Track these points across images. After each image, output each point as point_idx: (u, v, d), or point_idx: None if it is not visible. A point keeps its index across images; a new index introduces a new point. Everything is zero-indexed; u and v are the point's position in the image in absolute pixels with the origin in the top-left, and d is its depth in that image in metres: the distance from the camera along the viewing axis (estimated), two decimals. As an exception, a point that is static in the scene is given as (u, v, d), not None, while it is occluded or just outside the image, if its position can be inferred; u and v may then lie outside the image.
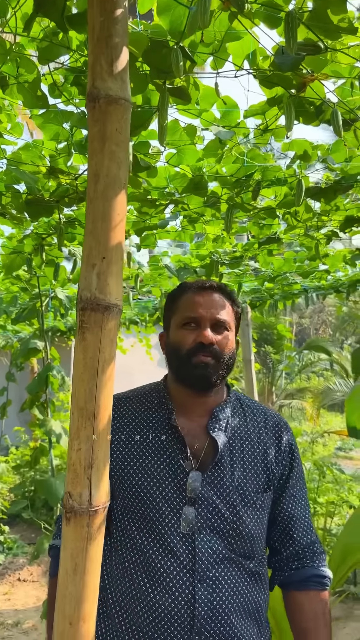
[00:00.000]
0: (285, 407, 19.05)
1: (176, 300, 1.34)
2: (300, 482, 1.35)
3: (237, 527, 1.20)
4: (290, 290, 3.29)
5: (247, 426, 1.32)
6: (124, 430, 1.30)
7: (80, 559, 0.87)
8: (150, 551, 1.18)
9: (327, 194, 1.73)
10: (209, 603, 1.15)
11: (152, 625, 1.15)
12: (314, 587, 1.30)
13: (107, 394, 0.90)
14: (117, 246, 0.91)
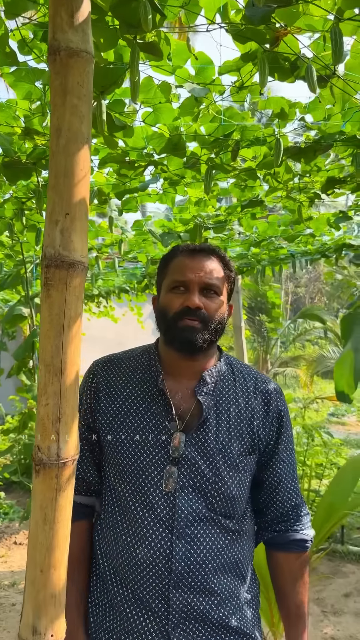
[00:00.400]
0: (279, 375, 19.24)
1: (168, 264, 1.33)
2: (288, 447, 1.36)
3: (218, 487, 1.24)
4: (277, 256, 3.29)
5: (235, 390, 1.33)
6: (113, 390, 1.32)
7: (49, 509, 0.90)
8: (133, 507, 1.23)
9: (307, 154, 1.72)
10: (185, 559, 1.19)
11: (134, 577, 1.21)
12: (295, 549, 1.34)
13: (74, 350, 0.91)
14: (81, 202, 0.90)
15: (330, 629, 3.45)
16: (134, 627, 1.20)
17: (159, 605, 1.19)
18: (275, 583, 1.37)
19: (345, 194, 2.05)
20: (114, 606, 1.24)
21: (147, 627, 1.19)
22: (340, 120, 1.58)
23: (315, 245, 3.14)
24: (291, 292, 38.94)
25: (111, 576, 1.26)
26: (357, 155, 1.67)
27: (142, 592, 1.20)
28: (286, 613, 1.34)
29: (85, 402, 1.33)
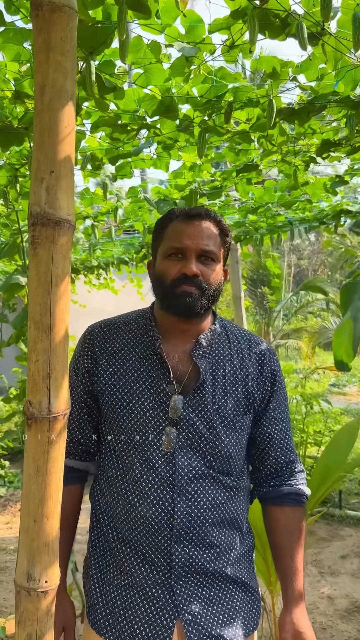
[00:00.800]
0: (281, 347, 19.29)
1: (164, 228, 1.32)
2: (281, 405, 1.40)
3: (216, 446, 1.28)
4: (275, 223, 3.27)
5: (230, 352, 1.36)
6: (110, 355, 1.33)
7: (42, 461, 0.92)
8: (134, 467, 1.26)
9: (301, 116, 1.70)
10: (186, 514, 1.24)
11: (136, 534, 1.25)
12: (290, 503, 1.37)
13: (62, 307, 0.92)
14: (66, 160, 0.90)
15: (327, 588, 3.55)
16: (137, 581, 1.25)
17: (162, 560, 1.24)
18: (272, 538, 1.39)
19: (340, 158, 2.04)
20: (118, 562, 1.29)
21: (151, 580, 1.24)
22: (333, 80, 1.56)
23: (313, 212, 3.12)
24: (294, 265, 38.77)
25: (113, 534, 1.30)
26: (351, 116, 1.65)
27: (145, 548, 1.25)
28: (282, 567, 1.36)
29: (83, 366, 1.35)
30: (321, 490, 2.74)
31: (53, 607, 0.95)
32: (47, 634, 0.94)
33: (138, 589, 1.25)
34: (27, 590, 0.93)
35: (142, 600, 1.24)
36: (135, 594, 1.25)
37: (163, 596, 1.24)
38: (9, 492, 5.70)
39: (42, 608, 0.93)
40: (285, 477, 1.39)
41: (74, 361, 1.37)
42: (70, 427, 1.33)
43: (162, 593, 1.24)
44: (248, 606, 1.33)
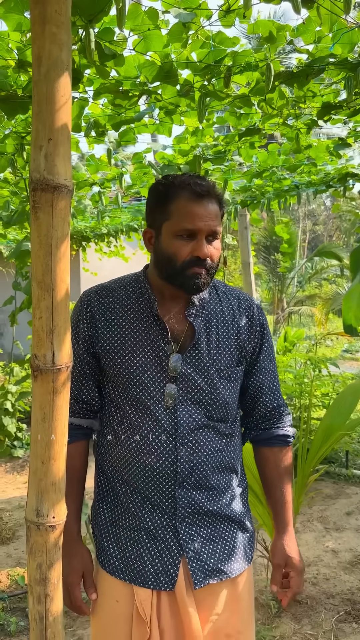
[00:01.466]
0: (294, 313, 19.27)
1: (169, 202, 1.31)
2: (270, 356, 1.50)
3: (214, 397, 1.37)
4: (281, 187, 3.28)
5: (222, 309, 1.44)
6: (109, 318, 1.39)
7: (48, 409, 1.01)
8: (139, 421, 1.36)
9: (300, 79, 1.72)
10: (189, 461, 1.34)
11: (142, 480, 1.35)
12: (278, 444, 1.49)
13: (63, 268, 0.99)
14: (63, 127, 0.96)
15: (331, 543, 3.68)
16: (145, 524, 1.36)
17: (167, 504, 1.35)
18: (263, 476, 1.52)
19: (342, 121, 2.05)
20: (125, 508, 1.39)
21: (157, 523, 1.35)
22: (330, 42, 1.57)
23: (320, 175, 3.13)
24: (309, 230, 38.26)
25: (120, 482, 1.40)
26: (350, 78, 1.67)
27: (151, 493, 1.35)
28: (274, 501, 1.49)
29: (83, 330, 1.40)
30: (323, 449, 2.83)
31: (61, 540, 1.05)
32: (55, 563, 1.04)
33: (145, 531, 1.36)
34: (37, 525, 1.02)
35: (149, 541, 1.35)
36: (143, 536, 1.36)
37: (169, 536, 1.35)
38: (26, 453, 5.90)
39: (50, 541, 1.03)
40: (274, 420, 1.50)
41: (73, 325, 1.41)
42: (75, 388, 1.40)
43: (168, 534, 1.35)
44: (244, 542, 1.45)
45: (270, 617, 2.87)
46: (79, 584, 1.38)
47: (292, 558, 1.42)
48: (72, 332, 1.41)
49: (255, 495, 2.91)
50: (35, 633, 1.05)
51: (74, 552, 1.39)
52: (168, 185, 1.33)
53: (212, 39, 1.57)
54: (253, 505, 2.99)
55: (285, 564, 1.42)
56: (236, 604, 1.42)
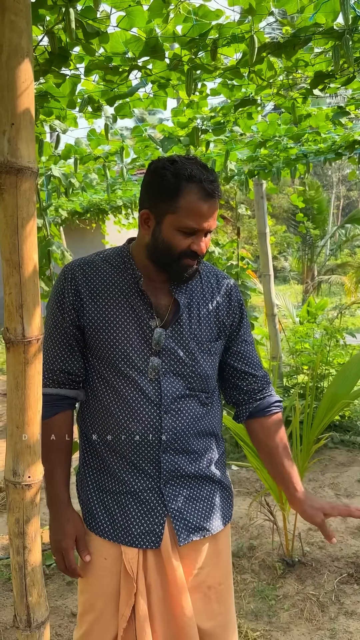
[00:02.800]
0: (324, 282, 19.01)
1: (178, 196, 1.30)
2: (248, 330, 1.60)
3: (195, 369, 1.45)
4: (289, 156, 3.25)
5: (202, 286, 1.50)
6: (94, 292, 1.42)
7: (20, 378, 1.09)
8: (125, 392, 1.42)
9: (287, 49, 1.71)
10: (172, 428, 1.42)
11: (128, 447, 1.42)
12: (276, 410, 1.58)
13: (29, 246, 1.05)
14: (25, 112, 1.01)
15: (341, 508, 3.75)
16: (130, 487, 1.44)
17: (152, 468, 1.43)
18: (266, 445, 1.56)
19: (337, 90, 2.03)
20: (111, 473, 1.46)
21: (143, 486, 1.43)
22: (314, 12, 1.56)
23: (327, 143, 3.08)
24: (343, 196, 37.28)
25: (106, 449, 1.46)
26: (337, 47, 1.65)
27: (137, 459, 1.42)
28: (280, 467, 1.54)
29: (69, 302, 1.42)
30: (328, 416, 2.88)
31: (37, 498, 1.14)
32: (32, 519, 1.13)
33: (132, 493, 1.44)
34: (14, 484, 1.12)
35: (135, 503, 1.44)
36: (129, 498, 1.44)
37: (154, 498, 1.43)
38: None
39: (27, 498, 1.12)
40: (266, 390, 1.58)
41: (58, 298, 1.44)
42: (60, 360, 1.45)
43: (153, 496, 1.43)
44: (224, 500, 1.55)
45: (276, 578, 2.98)
46: (73, 548, 1.45)
47: (323, 507, 1.48)
48: (56, 304, 1.45)
49: (261, 462, 2.99)
50: (16, 581, 1.16)
51: (66, 517, 1.46)
52: (178, 175, 1.29)
53: (194, 13, 1.58)
54: (259, 471, 3.08)
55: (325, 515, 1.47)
56: (217, 558, 1.52)
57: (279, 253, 24.62)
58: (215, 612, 1.51)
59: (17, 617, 1.16)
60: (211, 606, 1.50)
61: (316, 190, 19.67)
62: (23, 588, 1.15)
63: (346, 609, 2.68)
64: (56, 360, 1.45)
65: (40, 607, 1.17)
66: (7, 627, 2.61)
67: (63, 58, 1.69)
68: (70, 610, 2.70)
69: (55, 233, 2.79)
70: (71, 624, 2.60)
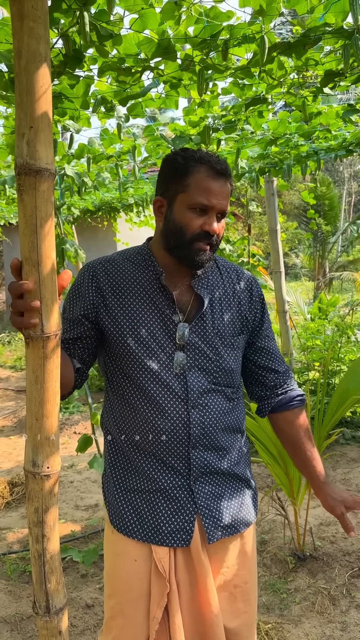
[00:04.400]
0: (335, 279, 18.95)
1: (187, 175, 1.35)
2: (269, 325, 1.61)
3: (219, 364, 1.45)
4: (299, 154, 3.27)
5: (223, 282, 1.52)
6: (117, 289, 1.44)
7: (39, 372, 1.12)
8: (151, 388, 1.41)
9: (297, 49, 1.73)
10: (200, 423, 1.42)
11: (157, 444, 1.42)
12: (298, 404, 1.59)
13: (48, 245, 1.09)
14: (43, 116, 1.04)
15: (352, 504, 3.77)
16: (160, 485, 1.43)
17: (181, 465, 1.42)
18: (289, 438, 1.60)
19: (348, 88, 2.04)
20: (140, 471, 1.45)
21: (172, 483, 1.42)
22: (324, 12, 1.58)
23: (338, 140, 3.09)
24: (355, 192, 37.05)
25: (133, 449, 1.46)
26: (347, 46, 1.67)
27: (166, 456, 1.42)
28: (305, 460, 1.58)
29: (88, 300, 1.43)
30: (338, 412, 2.90)
31: (56, 488, 1.18)
32: (50, 508, 1.17)
33: (161, 492, 1.43)
34: (33, 474, 1.15)
35: (165, 501, 1.43)
36: (158, 496, 1.43)
37: (184, 496, 1.42)
38: (64, 416, 6.19)
39: (46, 488, 1.16)
40: (287, 384, 1.59)
41: (75, 293, 1.46)
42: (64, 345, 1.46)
43: (183, 493, 1.42)
44: (250, 499, 1.55)
45: (287, 572, 3.01)
46: None
47: (345, 499, 1.51)
48: (73, 299, 1.47)
49: (272, 457, 3.02)
50: (35, 569, 1.20)
51: None
52: (187, 157, 1.37)
53: (205, 14, 1.61)
54: (270, 466, 3.10)
55: (347, 507, 1.50)
56: (243, 557, 1.52)
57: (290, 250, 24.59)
58: (241, 610, 1.52)
59: (36, 604, 1.20)
60: (237, 605, 1.51)
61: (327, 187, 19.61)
62: (42, 575, 1.19)
63: (357, 602, 2.71)
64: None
65: (59, 593, 1.21)
66: (23, 618, 2.67)
67: (77, 60, 1.72)
68: (85, 602, 2.75)
69: (69, 231, 2.83)
70: (86, 615, 2.65)
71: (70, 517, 3.80)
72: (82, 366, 1.50)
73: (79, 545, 3.38)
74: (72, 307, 1.48)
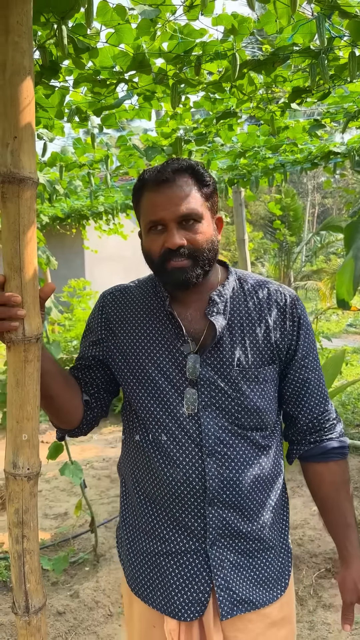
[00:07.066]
0: (300, 288, 19.34)
1: (140, 200, 1.27)
2: (311, 353, 1.33)
3: (240, 402, 1.23)
4: (267, 166, 3.37)
5: (247, 305, 1.30)
6: (125, 320, 1.34)
7: (20, 375, 1.15)
8: (157, 432, 1.26)
9: (267, 66, 1.81)
10: (218, 475, 1.22)
11: (169, 497, 1.25)
12: (334, 457, 1.32)
13: (30, 251, 1.12)
14: (27, 126, 1.08)
15: (318, 507, 3.86)
16: (171, 547, 1.26)
17: (196, 524, 1.23)
18: (318, 495, 1.35)
19: (314, 103, 2.14)
20: (150, 530, 1.30)
21: (186, 546, 1.25)
22: (292, 33, 1.67)
23: (304, 154, 3.21)
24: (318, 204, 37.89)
25: (145, 501, 1.30)
26: (313, 66, 1.76)
27: (179, 511, 1.24)
28: (334, 524, 1.33)
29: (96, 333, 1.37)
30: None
31: (35, 489, 1.21)
32: (30, 509, 1.19)
33: (172, 555, 1.26)
34: (13, 476, 1.17)
35: (177, 567, 1.26)
36: (170, 561, 1.27)
37: (198, 562, 1.24)
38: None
39: (26, 489, 1.18)
40: (324, 430, 1.33)
41: (88, 324, 1.40)
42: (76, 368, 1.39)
43: (197, 559, 1.24)
44: (279, 569, 1.32)
45: (256, 574, 3.07)
46: None
47: None
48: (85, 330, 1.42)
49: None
50: (15, 569, 1.21)
51: None
52: (140, 180, 1.27)
53: (180, 31, 1.67)
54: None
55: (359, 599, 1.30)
56: (267, 635, 1.29)
57: (256, 259, 24.99)
58: None
59: (15, 604, 1.22)
60: None
61: (292, 198, 20.04)
62: (22, 575, 1.20)
63: (324, 602, 2.78)
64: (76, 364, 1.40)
65: (38, 593, 1.23)
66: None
67: (53, 71, 1.76)
68: (56, 609, 2.74)
69: (41, 238, 2.84)
70: (57, 622, 2.65)
71: (39, 526, 3.77)
72: (89, 399, 1.36)
73: (48, 554, 3.36)
74: (84, 338, 1.42)
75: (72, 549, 3.33)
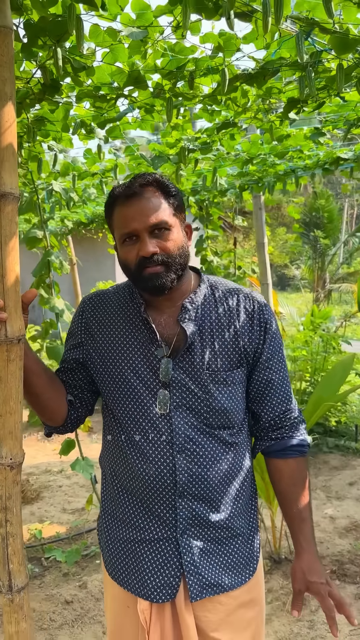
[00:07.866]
0: (334, 291, 19.10)
1: (112, 214, 1.35)
2: (276, 355, 1.40)
3: (209, 403, 1.33)
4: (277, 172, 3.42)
5: (217, 311, 1.38)
6: (103, 325, 1.42)
7: (3, 373, 1.26)
8: (133, 429, 1.35)
9: (258, 79, 1.88)
10: (187, 470, 1.32)
11: (143, 489, 1.35)
12: (293, 455, 1.41)
13: (12, 260, 1.23)
14: (8, 147, 1.19)
15: (330, 510, 3.88)
16: (145, 535, 1.36)
17: (167, 514, 1.34)
18: (277, 489, 1.45)
19: (311, 113, 2.19)
20: (127, 519, 1.40)
21: (158, 534, 1.35)
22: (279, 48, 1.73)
23: (313, 160, 3.25)
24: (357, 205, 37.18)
25: (122, 492, 1.41)
26: (302, 78, 1.82)
27: (152, 502, 1.34)
28: (290, 517, 1.42)
29: (77, 337, 1.46)
30: (313, 417, 3.02)
31: (18, 477, 1.31)
32: (13, 495, 1.30)
33: (146, 542, 1.36)
34: (-2, 465, 1.29)
35: (150, 553, 1.36)
36: (143, 548, 1.36)
37: (169, 549, 1.34)
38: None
39: (9, 477, 1.29)
40: (285, 428, 1.42)
41: (70, 328, 1.49)
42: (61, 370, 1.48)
43: (169, 546, 1.34)
44: (247, 554, 1.41)
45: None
46: None
47: (313, 583, 1.35)
48: (68, 333, 1.51)
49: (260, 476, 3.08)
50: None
51: None
52: (111, 196, 1.36)
53: (170, 49, 1.76)
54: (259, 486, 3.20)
55: (307, 588, 1.37)
56: (233, 616, 1.38)
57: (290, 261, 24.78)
58: None
59: (0, 583, 1.33)
60: None
61: (326, 199, 19.82)
62: (5, 557, 1.31)
63: (326, 603, 2.81)
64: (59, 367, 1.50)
65: (21, 574, 1.33)
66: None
67: (55, 89, 1.88)
68: (64, 598, 2.86)
69: (55, 244, 2.98)
70: (65, 610, 2.77)
71: (57, 520, 3.92)
72: (73, 399, 1.46)
73: (62, 546, 3.49)
74: (66, 342, 1.51)
75: (85, 542, 3.46)
